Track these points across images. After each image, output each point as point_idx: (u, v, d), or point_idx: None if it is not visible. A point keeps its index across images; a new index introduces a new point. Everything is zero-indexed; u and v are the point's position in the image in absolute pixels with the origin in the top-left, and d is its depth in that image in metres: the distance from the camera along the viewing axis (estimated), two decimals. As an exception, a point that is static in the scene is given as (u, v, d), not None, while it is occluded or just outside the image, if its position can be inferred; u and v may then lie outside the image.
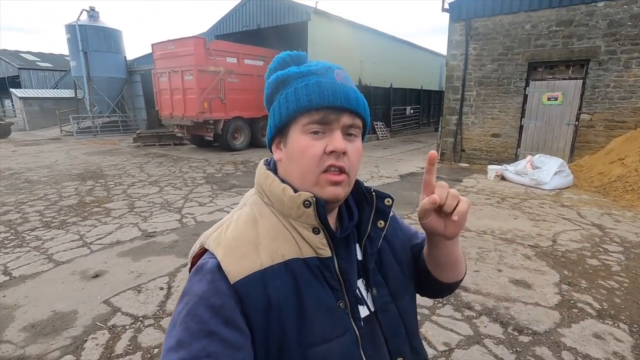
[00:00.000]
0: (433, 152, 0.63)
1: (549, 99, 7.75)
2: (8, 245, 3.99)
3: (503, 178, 7.10)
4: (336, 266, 0.63)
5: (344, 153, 0.61)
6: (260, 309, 0.56)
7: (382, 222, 0.69)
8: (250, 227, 0.62)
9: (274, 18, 12.39)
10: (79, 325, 2.57)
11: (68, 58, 17.60)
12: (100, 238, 4.21)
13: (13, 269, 3.43)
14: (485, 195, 6.06)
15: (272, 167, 0.70)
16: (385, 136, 15.35)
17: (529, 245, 3.97)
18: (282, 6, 12.08)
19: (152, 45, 11.15)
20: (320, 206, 0.60)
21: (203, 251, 0.63)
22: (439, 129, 9.36)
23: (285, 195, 0.62)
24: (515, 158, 8.14)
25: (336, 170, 0.61)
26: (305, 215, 0.61)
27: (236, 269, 0.57)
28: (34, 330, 2.52)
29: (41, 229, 4.53)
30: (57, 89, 23.54)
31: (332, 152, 0.60)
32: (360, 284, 0.67)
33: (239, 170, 8.45)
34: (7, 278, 3.27)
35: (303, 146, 0.61)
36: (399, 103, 16.92)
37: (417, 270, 0.80)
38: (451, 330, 2.53)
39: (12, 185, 6.77)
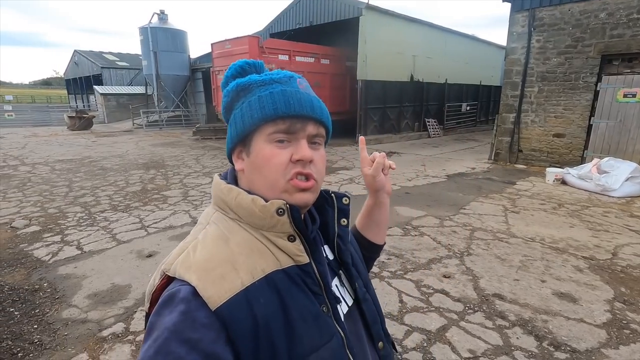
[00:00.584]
0: (362, 137, 0.86)
1: (625, 96, 6.90)
2: (82, 224, 4.59)
3: (564, 182, 6.51)
4: (315, 271, 0.62)
5: (311, 161, 0.61)
6: (248, 331, 0.53)
7: (344, 220, 0.72)
8: (221, 246, 0.58)
9: (325, 15, 12.48)
10: (131, 298, 2.92)
11: (141, 57, 19.37)
12: (156, 222, 4.67)
13: (84, 245, 3.96)
14: (539, 200, 5.62)
15: (231, 180, 0.67)
16: (438, 134, 14.77)
17: (583, 257, 3.64)
18: (334, 2, 12.12)
19: (212, 44, 11.87)
20: (295, 212, 0.60)
21: (166, 282, 0.57)
22: (494, 128, 8.80)
23: (256, 206, 0.59)
24: (581, 161, 7.40)
25: (303, 178, 0.61)
26: (279, 224, 0.59)
27: (216, 293, 0.53)
28: (95, 299, 2.92)
29: (109, 211, 5.13)
30: (131, 85, 26.04)
31: (298, 160, 0.60)
32: (336, 281, 0.69)
33: (286, 164, 8.72)
34: (79, 252, 3.79)
35: (268, 155, 0.60)
36: (454, 99, 16.14)
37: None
38: (479, 338, 2.44)
39: (89, 172, 7.71)
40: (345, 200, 0.73)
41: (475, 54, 16.71)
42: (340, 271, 0.71)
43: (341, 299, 0.67)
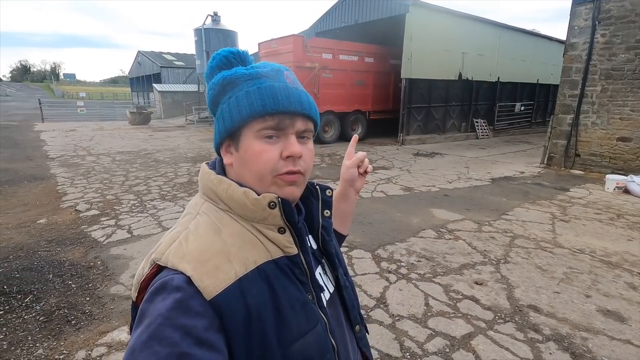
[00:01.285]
0: (356, 136, 0.96)
1: None
2: (134, 211, 5.02)
3: (626, 191, 5.90)
4: (303, 261, 0.64)
5: (300, 157, 0.62)
6: (241, 320, 0.55)
7: (327, 211, 0.74)
8: (214, 237, 0.59)
9: (371, 12, 12.35)
10: (169, 280, 3.15)
11: (195, 57, 20.52)
12: (198, 212, 4.96)
13: (134, 229, 4.33)
14: (595, 210, 5.16)
15: (219, 170, 0.67)
16: (486, 135, 14.02)
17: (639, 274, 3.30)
18: (379, 0, 11.95)
19: (259, 44, 12.26)
20: (287, 205, 0.61)
21: (155, 271, 0.57)
22: (549, 130, 8.18)
23: (248, 198, 0.60)
24: (650, 168, 6.65)
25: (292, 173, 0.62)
26: (271, 217, 0.61)
27: (212, 284, 0.54)
28: (139, 278, 3.19)
29: (158, 200, 5.55)
30: (186, 84, 27.69)
31: (288, 157, 0.61)
32: (319, 270, 0.71)
33: (325, 162, 8.82)
34: (129, 236, 4.16)
35: (257, 151, 0.60)
36: (507, 99, 15.20)
37: None
38: (507, 349, 2.33)
39: (144, 163, 8.37)
40: (329, 192, 0.75)
41: (533, 50, 15.58)
42: (323, 260, 0.74)
43: (324, 287, 0.70)
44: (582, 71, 7.40)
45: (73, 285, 3.06)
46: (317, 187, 0.74)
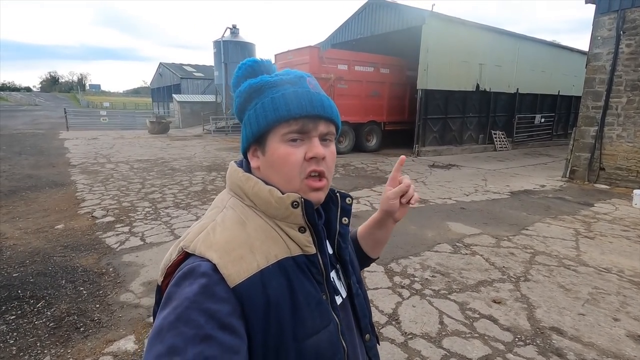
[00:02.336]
0: (403, 157, 0.86)
1: None
2: (148, 218, 5.07)
3: (656, 207, 5.60)
4: (320, 262, 0.66)
5: (323, 158, 0.65)
6: (261, 310, 0.57)
7: (346, 219, 0.75)
8: (240, 229, 0.62)
9: (387, 24, 12.39)
10: (179, 289, 3.13)
11: (214, 68, 21.01)
12: (210, 221, 4.97)
13: (147, 237, 4.36)
14: (622, 226, 4.90)
15: (246, 169, 0.70)
16: (505, 147, 13.70)
17: (673, 297, 3.08)
18: (396, 12, 11.99)
19: (275, 55, 12.44)
20: (309, 206, 0.64)
21: (182, 258, 0.60)
22: (571, 142, 7.90)
23: (272, 196, 0.63)
24: (682, 184, 6.31)
25: (316, 176, 0.65)
26: (292, 216, 0.63)
27: (235, 272, 0.57)
28: (149, 286, 3.19)
29: (172, 207, 5.60)
30: (204, 94, 28.33)
31: (312, 158, 0.64)
32: (333, 274, 0.73)
33: (338, 172, 8.76)
34: (142, 243, 4.18)
35: (284, 154, 0.63)
36: (526, 110, 14.87)
37: None
38: (528, 374, 2.18)
39: (160, 171, 8.51)
40: (349, 200, 0.77)
41: (553, 61, 15.26)
42: (337, 266, 0.75)
43: (338, 290, 0.73)
44: (607, 82, 7.15)
45: (84, 292, 3.08)
46: (338, 194, 0.76)
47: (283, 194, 0.63)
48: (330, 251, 0.74)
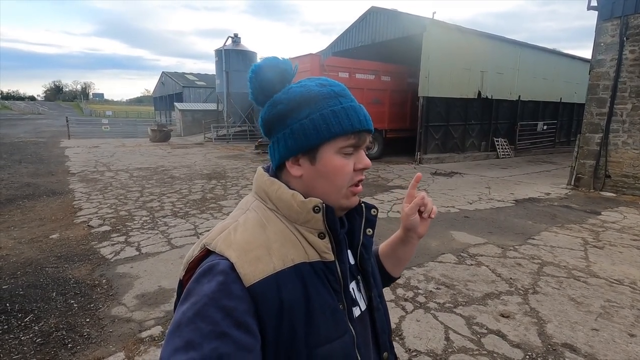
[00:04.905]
0: (419, 175, 0.84)
1: None
2: (145, 227, 4.97)
3: (665, 216, 5.46)
4: (338, 270, 0.66)
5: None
6: (274, 311, 0.58)
7: (370, 230, 0.75)
8: (260, 231, 0.63)
9: (388, 32, 12.41)
10: (173, 303, 3.00)
11: (216, 77, 21.09)
12: (208, 230, 4.82)
13: (143, 247, 4.25)
14: (632, 235, 4.76)
15: (271, 174, 0.71)
16: (508, 154, 13.60)
17: (690, 310, 2.94)
18: (397, 20, 12.01)
19: (276, 63, 12.45)
20: (330, 212, 0.64)
21: (204, 254, 0.62)
22: (575, 149, 7.79)
23: (295, 200, 0.64)
24: (691, 191, 6.16)
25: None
26: (313, 220, 0.64)
27: (251, 272, 0.58)
28: (142, 299, 3.07)
29: (170, 217, 5.49)
30: (206, 102, 28.43)
31: (361, 169, 0.68)
32: (353, 285, 0.72)
33: (339, 180, 8.65)
34: (138, 253, 4.07)
35: (339, 165, 0.65)
36: (529, 117, 14.80)
37: None
38: (541, 395, 2.05)
39: (160, 180, 8.43)
40: (374, 211, 0.76)
41: (555, 69, 15.25)
42: (359, 277, 0.74)
43: (357, 302, 0.71)
44: (611, 88, 7.07)
45: (75, 305, 2.96)
46: (363, 204, 0.75)
47: (306, 198, 0.64)
48: (352, 262, 0.73)
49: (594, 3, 7.13)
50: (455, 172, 10.03)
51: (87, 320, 2.76)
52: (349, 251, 0.73)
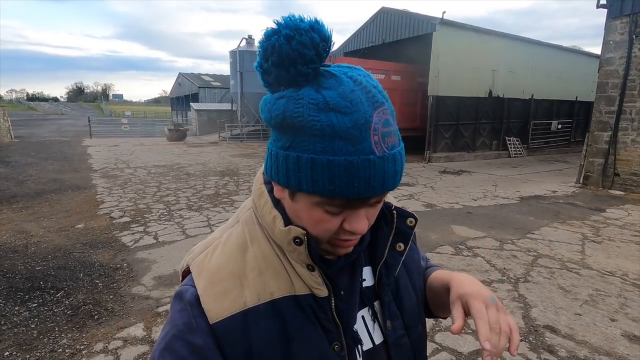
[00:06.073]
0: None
1: None
2: (162, 219, 5.31)
3: (671, 213, 5.47)
4: (332, 307, 0.54)
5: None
6: (240, 354, 0.51)
7: (401, 245, 0.60)
8: (236, 256, 0.55)
9: (398, 32, 12.53)
10: (186, 283, 3.31)
11: (230, 78, 21.59)
12: (220, 222, 5.17)
13: (160, 236, 4.58)
14: (632, 231, 4.82)
15: (267, 181, 0.58)
16: (520, 153, 13.53)
17: (677, 300, 3.05)
18: (407, 20, 12.13)
19: (288, 64, 12.74)
20: (312, 246, 0.51)
21: (188, 271, 0.58)
22: (584, 148, 7.79)
23: (275, 226, 0.53)
24: (700, 189, 6.13)
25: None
26: (296, 252, 0.52)
27: (214, 309, 0.51)
28: (159, 281, 3.38)
29: (185, 209, 5.83)
30: (221, 102, 29.05)
31: (349, 231, 0.50)
32: (365, 312, 0.60)
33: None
34: (155, 241, 4.40)
35: (316, 219, 0.50)
36: (542, 116, 14.65)
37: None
38: (517, 368, 2.24)
39: (176, 176, 8.83)
40: (411, 221, 0.60)
41: (571, 67, 15.02)
42: (376, 303, 0.61)
43: (363, 337, 0.58)
44: (620, 87, 7.06)
45: (100, 284, 3.29)
46: (395, 211, 0.60)
47: (287, 225, 0.52)
48: (370, 282, 0.60)
49: (603, 1, 7.12)
50: (464, 170, 10.10)
51: (111, 297, 3.08)
52: (368, 268, 0.61)
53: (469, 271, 3.57)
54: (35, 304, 2.93)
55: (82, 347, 2.42)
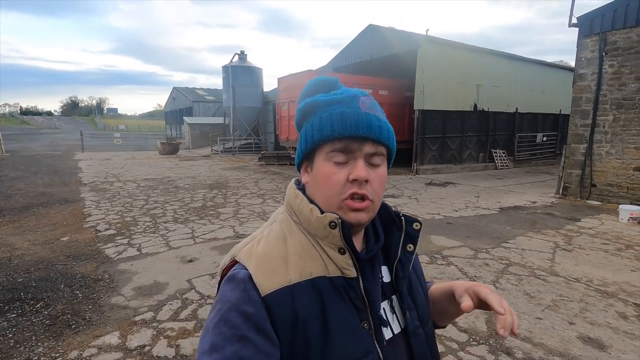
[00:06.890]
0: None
1: None
2: (147, 231, 5.39)
3: (642, 222, 5.67)
4: (361, 287, 0.64)
5: (367, 181, 0.62)
6: (288, 323, 0.59)
7: (411, 246, 0.72)
8: (279, 244, 0.65)
9: (385, 49, 12.92)
10: (165, 293, 3.40)
11: (223, 92, 21.88)
12: (204, 234, 5.27)
13: (143, 248, 4.66)
14: (602, 240, 4.99)
15: (302, 187, 0.72)
16: (506, 165, 13.81)
17: (635, 304, 3.19)
18: (393, 37, 12.54)
19: (278, 79, 13.06)
20: (346, 228, 0.62)
21: (233, 263, 0.66)
22: (562, 159, 8.04)
23: (312, 215, 0.64)
24: (672, 199, 6.36)
25: (359, 198, 0.63)
26: (331, 236, 0.63)
27: (266, 282, 0.60)
28: (139, 291, 3.46)
29: (171, 222, 5.92)
30: (214, 116, 29.30)
31: (354, 180, 0.62)
32: (385, 305, 0.69)
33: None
34: (138, 253, 4.48)
35: (327, 173, 0.63)
36: (527, 129, 15.04)
37: None
38: (475, 370, 2.35)
39: (165, 189, 8.91)
40: (416, 225, 0.73)
41: (553, 81, 15.52)
42: (394, 297, 0.70)
43: (388, 323, 0.67)
44: (593, 101, 7.36)
45: (80, 295, 3.36)
46: (403, 217, 0.73)
47: (322, 213, 0.64)
48: (388, 279, 0.70)
49: (575, 20, 7.49)
50: (450, 182, 10.30)
51: (90, 307, 3.15)
52: (384, 267, 0.71)
53: (441, 279, 3.70)
54: (14, 315, 2.99)
55: (57, 355, 2.49)
